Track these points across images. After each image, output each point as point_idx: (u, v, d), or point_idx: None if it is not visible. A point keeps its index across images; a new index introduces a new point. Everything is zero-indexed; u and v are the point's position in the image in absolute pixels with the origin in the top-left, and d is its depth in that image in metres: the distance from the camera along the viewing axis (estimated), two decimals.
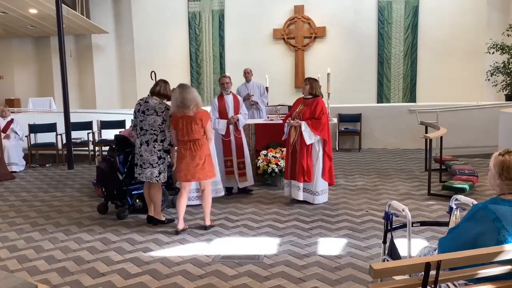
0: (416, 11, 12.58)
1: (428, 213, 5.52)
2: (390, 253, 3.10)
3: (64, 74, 9.07)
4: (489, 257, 2.16)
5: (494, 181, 2.43)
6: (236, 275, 3.91)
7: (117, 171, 5.68)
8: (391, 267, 2.15)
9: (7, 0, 9.97)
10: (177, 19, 13.58)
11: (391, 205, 3.15)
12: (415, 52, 12.70)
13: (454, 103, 10.06)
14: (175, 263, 4.21)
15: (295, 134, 5.88)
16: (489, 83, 11.26)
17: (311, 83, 5.92)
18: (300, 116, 5.84)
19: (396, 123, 10.10)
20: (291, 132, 5.94)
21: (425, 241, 4.43)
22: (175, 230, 5.03)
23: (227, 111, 6.42)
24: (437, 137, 6.95)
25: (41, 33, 13.21)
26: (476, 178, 6.66)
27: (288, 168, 6.04)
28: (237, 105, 6.49)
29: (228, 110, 6.42)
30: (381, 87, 12.98)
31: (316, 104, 5.80)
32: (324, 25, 12.93)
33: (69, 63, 10.72)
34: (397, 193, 6.48)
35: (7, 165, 8.55)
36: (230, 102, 6.45)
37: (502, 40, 10.95)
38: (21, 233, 5.18)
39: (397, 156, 9.38)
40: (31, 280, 3.77)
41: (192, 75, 13.74)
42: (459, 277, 2.24)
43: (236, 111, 6.46)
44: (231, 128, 6.45)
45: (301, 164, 5.82)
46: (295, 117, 5.88)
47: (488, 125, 8.95)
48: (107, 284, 3.83)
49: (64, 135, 9.26)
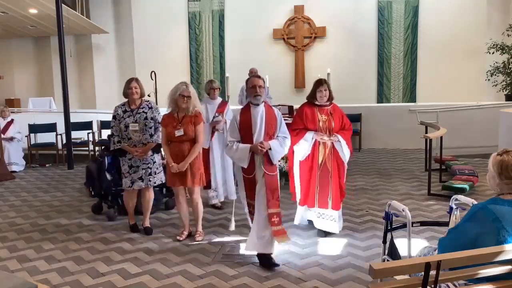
0: (416, 11, 12.58)
1: (428, 213, 5.51)
2: (390, 253, 3.10)
3: (64, 74, 9.06)
4: (489, 257, 2.16)
5: (494, 181, 2.43)
6: (236, 275, 3.91)
7: (106, 171, 5.67)
8: (391, 267, 2.15)
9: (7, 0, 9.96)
10: (177, 19, 13.58)
11: (391, 205, 3.15)
12: (415, 52, 12.71)
13: (454, 103, 10.06)
14: (175, 263, 4.21)
15: (324, 151, 4.70)
16: (489, 83, 11.26)
17: (329, 87, 4.78)
18: (328, 129, 4.70)
19: (396, 123, 10.09)
20: (318, 149, 4.72)
21: (425, 241, 4.43)
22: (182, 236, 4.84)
23: (254, 130, 4.16)
24: (437, 137, 6.95)
25: (41, 33, 13.20)
26: (476, 178, 6.66)
27: (312, 194, 4.77)
28: (272, 122, 4.24)
29: (255, 129, 4.16)
30: (381, 87, 12.99)
31: (340, 111, 4.81)
32: (324, 25, 12.94)
33: (69, 63, 10.72)
34: (397, 193, 6.48)
35: (7, 164, 8.56)
36: (261, 117, 4.18)
37: (502, 40, 10.95)
38: (21, 233, 5.18)
39: (397, 156, 9.38)
40: (31, 280, 3.76)
41: (192, 75, 13.74)
42: (459, 277, 2.24)
43: (269, 131, 4.20)
44: (258, 160, 4.16)
45: (337, 188, 4.74)
46: (322, 130, 4.68)
47: (488, 125, 8.94)
48: (107, 284, 3.83)
49: (64, 135, 9.26)
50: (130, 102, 4.98)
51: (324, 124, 4.70)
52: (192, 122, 4.62)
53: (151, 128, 4.92)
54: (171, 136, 4.61)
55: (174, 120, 4.63)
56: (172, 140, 4.63)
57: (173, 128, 4.58)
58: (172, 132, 4.58)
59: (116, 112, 4.99)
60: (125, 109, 4.98)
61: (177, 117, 4.65)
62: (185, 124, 4.60)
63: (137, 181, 4.94)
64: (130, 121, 4.88)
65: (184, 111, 4.62)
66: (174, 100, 4.60)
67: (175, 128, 4.58)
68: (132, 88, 4.93)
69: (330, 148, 4.70)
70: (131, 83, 4.95)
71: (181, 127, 4.58)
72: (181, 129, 4.57)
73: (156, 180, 5.03)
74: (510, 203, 2.34)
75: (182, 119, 4.63)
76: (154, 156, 5.01)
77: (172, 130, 4.58)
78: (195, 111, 4.65)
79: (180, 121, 4.63)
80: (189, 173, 4.64)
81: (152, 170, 4.98)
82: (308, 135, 4.67)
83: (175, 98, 4.58)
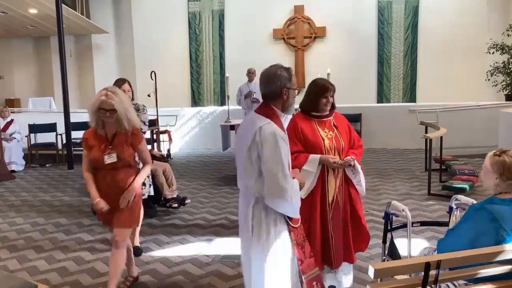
0: (416, 11, 12.58)
1: (428, 213, 5.51)
2: (390, 253, 3.10)
3: (64, 74, 9.07)
4: (488, 257, 2.16)
5: (492, 181, 2.43)
6: (236, 275, 3.91)
7: None
8: (391, 267, 2.16)
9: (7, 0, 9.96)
10: (177, 19, 13.58)
11: (391, 205, 3.15)
12: (415, 52, 12.71)
13: (454, 103, 10.07)
14: (175, 263, 4.21)
15: (334, 183, 3.26)
16: (489, 83, 11.26)
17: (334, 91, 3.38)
18: (336, 150, 3.26)
19: (396, 123, 10.09)
20: (327, 180, 3.25)
21: (425, 241, 4.43)
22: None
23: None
24: (437, 137, 6.95)
25: (41, 33, 13.20)
26: (476, 178, 6.66)
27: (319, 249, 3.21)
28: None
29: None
30: (381, 87, 12.99)
31: (345, 122, 3.46)
32: (324, 25, 12.94)
33: (69, 63, 10.72)
34: (397, 193, 6.48)
35: (7, 164, 8.56)
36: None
37: (502, 40, 10.95)
38: (21, 233, 5.18)
39: (397, 156, 9.38)
40: (31, 280, 3.76)
41: (192, 75, 13.74)
42: (459, 277, 2.24)
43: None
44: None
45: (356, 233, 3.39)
46: (329, 152, 3.23)
47: (488, 125, 8.95)
48: (107, 284, 3.82)
49: (64, 135, 9.26)
50: None
51: (331, 142, 3.25)
52: (129, 143, 3.31)
53: None
54: (98, 163, 3.27)
55: (101, 140, 3.29)
56: (100, 167, 3.31)
57: (101, 152, 3.25)
58: (99, 158, 3.24)
59: None
60: None
61: (105, 136, 3.30)
62: (119, 146, 3.27)
63: None
64: None
65: (114, 128, 3.30)
66: (96, 115, 3.25)
67: (104, 152, 3.25)
68: (125, 91, 4.29)
69: (341, 178, 3.29)
70: (124, 84, 4.36)
71: (112, 151, 3.25)
72: (112, 153, 3.24)
73: (144, 193, 4.47)
74: (506, 202, 2.34)
75: (113, 139, 3.29)
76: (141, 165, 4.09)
77: (100, 154, 3.24)
78: (132, 128, 3.30)
79: (110, 141, 3.29)
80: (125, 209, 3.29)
81: None
82: (312, 159, 3.17)
83: (94, 112, 3.23)
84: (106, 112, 3.18)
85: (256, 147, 2.40)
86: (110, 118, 3.21)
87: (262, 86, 2.56)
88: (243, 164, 2.49)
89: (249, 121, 2.58)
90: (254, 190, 2.46)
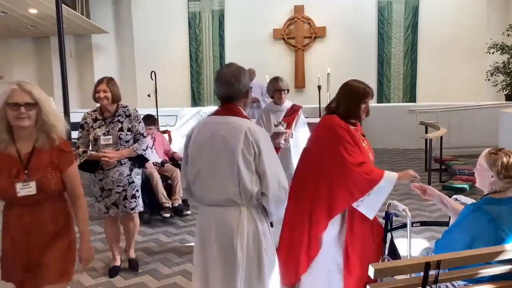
0: (416, 11, 12.58)
1: (428, 213, 5.52)
2: (390, 253, 3.10)
3: (64, 74, 9.04)
4: (488, 257, 2.16)
5: (487, 179, 2.42)
6: None
7: None
8: (391, 267, 2.16)
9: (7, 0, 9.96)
10: (177, 19, 13.58)
11: (391, 205, 3.16)
12: (415, 52, 12.71)
13: (454, 103, 10.07)
14: (175, 263, 4.21)
15: None
16: (489, 83, 11.26)
17: None
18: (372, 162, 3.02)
19: (396, 123, 10.09)
20: None
21: (425, 241, 4.44)
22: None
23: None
24: (437, 137, 6.95)
25: (41, 33, 13.20)
26: None
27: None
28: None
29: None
30: (381, 87, 12.99)
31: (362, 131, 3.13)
32: (324, 25, 12.94)
33: (69, 63, 10.71)
34: (397, 193, 6.48)
35: None
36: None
37: (502, 40, 10.95)
38: None
39: (397, 156, 9.38)
40: None
41: (192, 75, 13.74)
42: (459, 277, 2.24)
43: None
44: None
45: None
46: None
47: (488, 125, 8.94)
48: (107, 284, 3.83)
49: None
50: (102, 108, 3.87)
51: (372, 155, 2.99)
52: (54, 164, 2.29)
53: (127, 142, 3.80)
54: (8, 195, 2.25)
55: (10, 161, 2.25)
56: (11, 203, 2.30)
57: (10, 179, 2.22)
58: (9, 189, 2.22)
59: (85, 120, 3.86)
60: (96, 117, 3.85)
61: (17, 156, 2.26)
62: (39, 170, 2.26)
63: (111, 207, 3.85)
64: (100, 133, 3.77)
65: (30, 142, 2.28)
66: (3, 120, 2.23)
67: (16, 178, 2.23)
68: (100, 91, 3.77)
69: None
70: (100, 85, 3.80)
71: (29, 178, 2.24)
72: (29, 181, 2.23)
73: (135, 206, 3.92)
74: (504, 201, 2.33)
75: (29, 159, 2.27)
76: (132, 175, 3.87)
77: (10, 184, 2.22)
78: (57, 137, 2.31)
79: (26, 163, 2.26)
80: (49, 260, 2.31)
81: (129, 193, 3.84)
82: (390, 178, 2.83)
83: (1, 115, 2.22)
84: (19, 107, 2.17)
85: (251, 147, 2.24)
86: (24, 121, 2.18)
87: (225, 87, 2.37)
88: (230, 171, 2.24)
89: (223, 125, 2.32)
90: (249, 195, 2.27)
